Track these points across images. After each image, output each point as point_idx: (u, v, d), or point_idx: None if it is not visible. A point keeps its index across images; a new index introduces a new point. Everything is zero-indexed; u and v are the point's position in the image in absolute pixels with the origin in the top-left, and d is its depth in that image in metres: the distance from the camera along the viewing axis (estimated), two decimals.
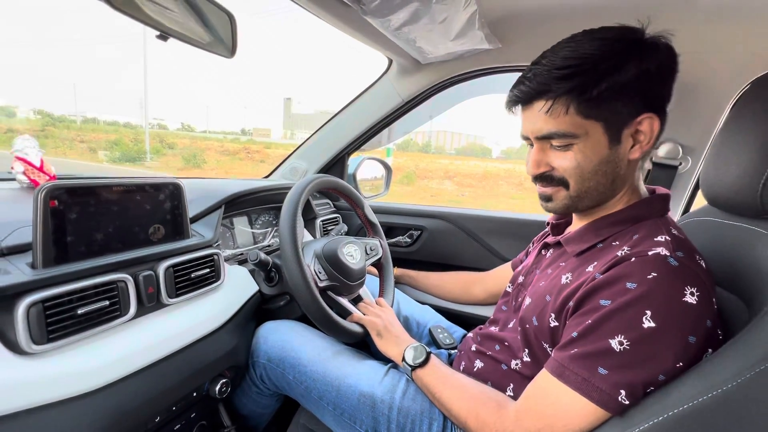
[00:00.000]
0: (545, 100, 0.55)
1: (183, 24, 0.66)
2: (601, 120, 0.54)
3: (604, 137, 0.55)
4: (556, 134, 0.56)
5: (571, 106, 0.54)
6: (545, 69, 0.55)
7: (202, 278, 0.72)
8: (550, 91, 0.54)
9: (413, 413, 0.66)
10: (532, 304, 0.63)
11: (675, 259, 0.48)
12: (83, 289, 0.54)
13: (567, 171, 0.58)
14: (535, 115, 0.57)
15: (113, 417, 0.54)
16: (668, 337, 0.45)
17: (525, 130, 0.61)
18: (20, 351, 0.48)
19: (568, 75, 0.53)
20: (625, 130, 0.55)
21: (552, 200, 0.62)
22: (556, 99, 0.54)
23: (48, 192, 0.52)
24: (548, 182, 0.61)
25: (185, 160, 18.11)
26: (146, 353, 0.60)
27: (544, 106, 0.55)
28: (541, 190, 0.63)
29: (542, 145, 0.59)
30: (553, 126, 0.56)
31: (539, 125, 0.57)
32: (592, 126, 0.54)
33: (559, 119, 0.55)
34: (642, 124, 0.55)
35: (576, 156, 0.56)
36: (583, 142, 0.55)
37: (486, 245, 1.28)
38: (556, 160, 0.58)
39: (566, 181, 0.59)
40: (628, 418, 0.45)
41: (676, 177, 0.99)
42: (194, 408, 0.73)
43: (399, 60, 1.11)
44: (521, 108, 0.60)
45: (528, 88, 0.57)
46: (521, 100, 0.59)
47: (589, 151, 0.56)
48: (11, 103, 67.01)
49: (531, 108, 0.58)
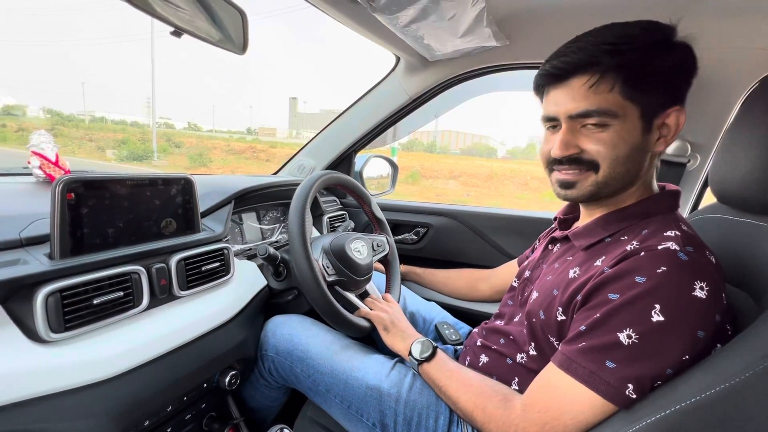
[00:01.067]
0: (590, 75, 0.53)
1: (194, 20, 0.67)
2: (639, 104, 0.53)
3: (639, 123, 0.54)
4: (597, 112, 0.53)
5: (616, 84, 0.52)
6: (592, 42, 0.53)
7: (212, 272, 0.73)
8: (598, 65, 0.52)
9: (420, 407, 0.66)
10: (539, 297, 0.63)
11: (685, 254, 0.48)
12: (99, 280, 0.55)
13: (600, 154, 0.55)
14: (575, 90, 0.55)
15: (127, 405, 0.56)
16: (677, 331, 0.45)
17: (555, 109, 0.58)
18: (39, 339, 0.50)
19: (621, 50, 0.52)
20: (656, 120, 0.55)
21: (574, 187, 0.59)
22: (604, 74, 0.52)
23: (65, 185, 0.53)
24: (576, 165, 0.58)
25: (191, 159, 18.25)
26: (159, 344, 0.61)
27: (589, 80, 0.53)
28: (562, 176, 0.60)
29: (573, 125, 0.57)
30: (594, 103, 0.53)
31: (577, 101, 0.54)
32: (630, 109, 0.53)
33: (603, 96, 0.53)
34: (670, 117, 0.55)
35: (612, 137, 0.54)
36: (620, 124, 0.54)
37: (492, 242, 1.28)
38: (588, 142, 0.56)
39: (597, 164, 0.56)
40: (634, 411, 0.45)
41: (685, 174, 0.98)
42: (204, 399, 0.75)
43: (407, 57, 1.11)
44: (551, 86, 0.58)
45: (572, 60, 0.54)
46: (560, 72, 0.56)
47: (625, 135, 0.54)
48: (22, 103, 67.96)
49: (568, 84, 0.56)
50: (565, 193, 0.61)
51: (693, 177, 0.99)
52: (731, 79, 0.88)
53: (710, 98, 0.92)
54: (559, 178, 0.61)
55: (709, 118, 0.93)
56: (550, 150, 0.59)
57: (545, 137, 0.63)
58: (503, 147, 53.01)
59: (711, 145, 0.95)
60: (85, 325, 0.53)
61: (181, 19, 0.66)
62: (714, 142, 0.95)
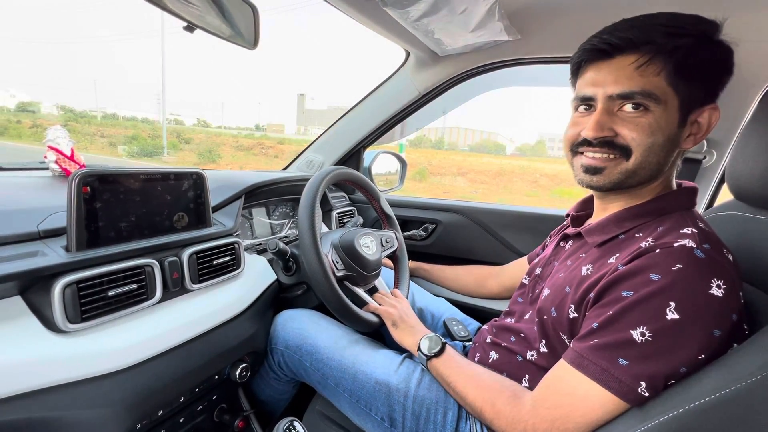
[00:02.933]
0: (640, 54, 0.51)
1: (207, 16, 0.68)
2: (680, 94, 0.52)
3: (677, 114, 0.53)
4: (641, 93, 0.51)
5: (665, 69, 0.51)
6: (646, 23, 0.51)
7: (223, 266, 0.74)
8: (653, 43, 0.50)
9: (428, 402, 0.67)
10: (550, 295, 0.63)
11: (702, 252, 0.47)
12: (113, 272, 0.56)
13: (635, 140, 0.53)
14: (620, 68, 0.53)
15: (141, 395, 0.57)
16: (692, 329, 0.45)
17: (593, 89, 0.55)
18: (56, 329, 0.51)
19: (679, 33, 0.50)
20: (691, 115, 0.54)
21: (602, 173, 0.57)
22: (657, 54, 0.50)
23: (81, 178, 0.54)
24: (608, 149, 0.55)
25: (200, 155, 18.42)
26: (171, 335, 0.62)
27: (638, 60, 0.51)
28: (589, 160, 0.58)
29: (610, 106, 0.54)
30: (639, 84, 0.51)
31: (621, 81, 0.52)
32: (672, 97, 0.52)
33: (649, 78, 0.51)
34: (704, 114, 0.54)
35: (651, 124, 0.52)
36: (661, 111, 0.52)
37: (501, 239, 1.27)
38: (624, 127, 0.53)
39: (630, 150, 0.54)
40: (647, 409, 0.45)
41: (700, 171, 0.96)
42: (216, 391, 0.76)
43: (416, 52, 1.11)
44: (593, 63, 0.56)
45: (625, 35, 0.52)
46: (609, 48, 0.53)
47: (663, 123, 0.52)
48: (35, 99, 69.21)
49: (613, 62, 0.53)
50: (590, 179, 0.59)
51: (709, 174, 0.97)
52: (750, 75, 0.86)
53: (727, 93, 0.89)
54: (585, 162, 0.58)
55: (727, 114, 0.91)
56: (579, 132, 0.57)
57: (573, 120, 0.60)
58: (512, 144, 52.52)
59: (728, 142, 0.93)
60: (100, 316, 0.55)
61: (192, 15, 0.66)
62: (731, 139, 0.92)
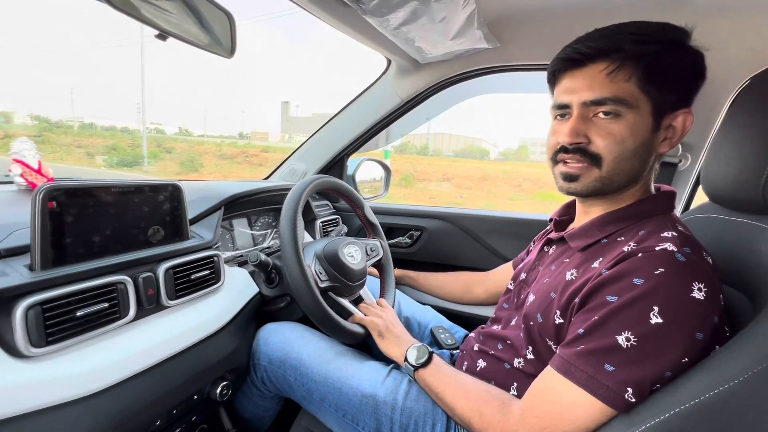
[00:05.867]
0: (610, 62, 0.53)
1: (182, 24, 0.66)
2: (653, 99, 0.53)
3: (650, 119, 0.54)
4: (612, 99, 0.53)
5: (635, 75, 0.52)
6: (615, 32, 0.53)
7: (202, 280, 0.71)
8: (621, 51, 0.52)
9: (416, 414, 0.65)
10: (536, 300, 0.63)
11: (682, 255, 0.48)
12: (82, 291, 0.53)
13: (606, 147, 0.55)
14: (592, 76, 0.54)
15: (113, 420, 0.54)
16: (675, 332, 0.45)
17: (567, 98, 0.57)
18: (18, 354, 0.48)
19: (646, 40, 0.52)
20: (665, 120, 0.55)
21: (578, 180, 0.58)
22: (625, 61, 0.52)
23: (46, 193, 0.51)
24: (581, 156, 0.57)
25: (182, 164, 18.09)
26: (146, 355, 0.59)
27: (608, 67, 0.53)
28: (565, 168, 0.59)
29: (585, 113, 0.56)
30: (610, 90, 0.53)
31: (593, 88, 0.54)
32: (644, 102, 0.53)
33: (619, 84, 0.53)
34: (677, 119, 0.55)
35: (622, 130, 0.53)
36: (633, 116, 0.53)
37: (486, 245, 1.28)
38: (598, 133, 0.55)
39: (600, 158, 0.55)
40: (634, 415, 0.45)
41: (676, 174, 0.99)
42: (195, 411, 0.72)
43: (398, 60, 1.11)
44: (567, 72, 0.57)
45: (595, 45, 0.54)
46: (580, 57, 0.55)
47: (636, 128, 0.54)
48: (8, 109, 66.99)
49: (585, 70, 0.55)
50: (568, 186, 0.60)
51: (684, 177, 1.00)
52: (721, 79, 0.89)
53: (699, 98, 0.92)
54: (563, 170, 0.60)
55: (700, 118, 0.94)
56: (557, 140, 0.59)
57: (552, 128, 0.62)
58: (496, 149, 53.36)
59: (702, 145, 0.96)
60: (67, 339, 0.51)
61: (168, 23, 0.64)
62: (704, 142, 0.95)
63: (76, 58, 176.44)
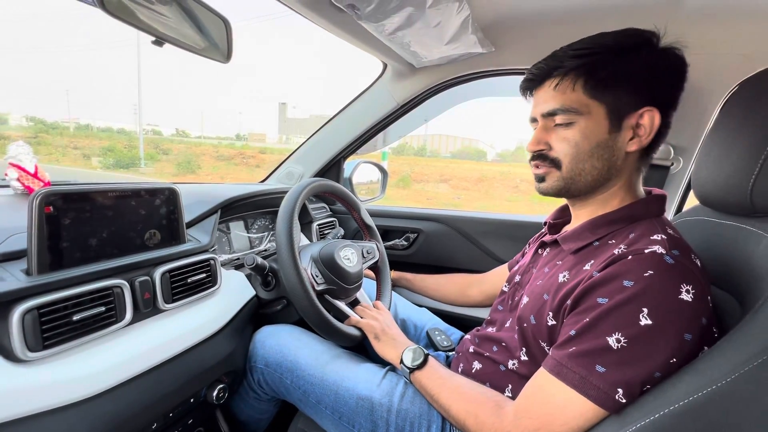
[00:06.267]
0: (555, 77, 0.59)
1: (178, 29, 0.67)
2: (604, 103, 0.57)
3: (605, 121, 0.58)
4: (560, 109, 0.59)
5: (578, 83, 0.57)
6: (563, 50, 0.60)
7: (198, 283, 0.72)
8: (562, 67, 0.58)
9: (412, 416, 0.66)
10: (529, 302, 0.64)
11: (671, 257, 0.49)
12: (79, 296, 0.53)
13: (563, 151, 0.60)
14: (545, 92, 0.61)
15: (110, 424, 0.54)
16: (664, 334, 0.46)
17: (534, 111, 0.64)
18: (15, 358, 0.48)
19: (583, 54, 0.57)
20: (627, 120, 0.57)
21: (545, 180, 0.64)
22: (566, 74, 0.58)
23: (43, 198, 0.52)
24: (541, 161, 0.63)
25: (179, 166, 18.01)
26: (143, 359, 0.59)
27: (554, 81, 0.60)
28: (534, 170, 0.66)
29: (546, 123, 0.62)
30: (558, 101, 0.59)
31: (547, 101, 0.60)
32: (596, 107, 0.57)
33: (566, 95, 0.58)
34: (643, 117, 0.57)
35: (575, 135, 0.59)
36: (585, 121, 0.58)
37: (482, 247, 1.29)
38: (556, 140, 0.61)
39: (559, 161, 0.61)
40: (624, 415, 0.45)
41: (669, 177, 1.00)
42: (191, 414, 0.73)
43: (394, 64, 1.12)
44: (533, 91, 0.64)
45: (543, 65, 0.61)
46: (536, 78, 0.62)
47: (588, 132, 0.58)
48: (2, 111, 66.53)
49: (542, 87, 0.62)
50: (538, 186, 0.66)
51: (676, 180, 1.01)
52: (711, 84, 0.90)
53: (691, 102, 0.94)
54: (534, 172, 0.66)
55: (691, 121, 0.95)
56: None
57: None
58: (493, 150, 53.50)
59: (693, 149, 0.97)
60: (64, 343, 0.52)
61: (164, 28, 0.65)
62: (696, 146, 0.96)
63: (71, 59, 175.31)
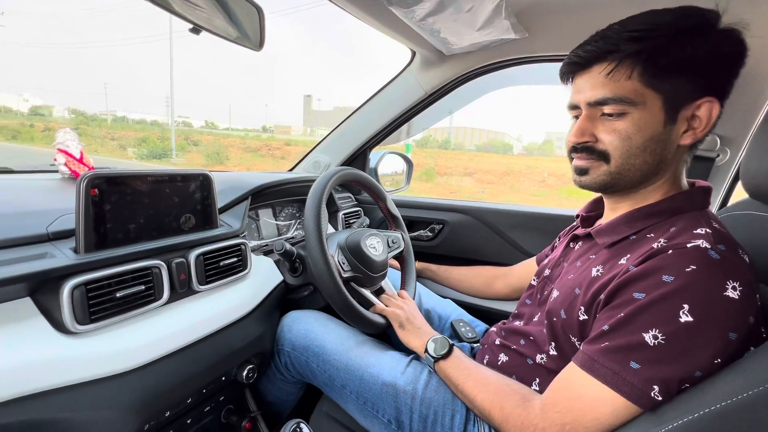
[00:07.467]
0: (608, 62, 0.53)
1: (213, 18, 0.68)
2: (662, 93, 0.52)
3: (660, 113, 0.53)
4: (613, 99, 0.53)
5: (635, 71, 0.52)
6: (616, 31, 0.54)
7: (230, 267, 0.74)
8: (617, 51, 0.52)
9: (436, 404, 0.66)
10: (560, 296, 0.62)
11: (716, 252, 0.46)
12: (121, 274, 0.56)
13: (612, 144, 0.55)
14: (594, 78, 0.55)
15: (149, 396, 0.57)
16: (707, 332, 0.43)
17: (576, 98, 0.58)
18: (65, 330, 0.51)
19: (641, 37, 0.51)
20: (683, 111, 0.53)
21: (588, 173, 0.59)
22: (622, 60, 0.52)
23: (89, 181, 0.54)
24: (587, 154, 0.58)
25: (208, 156, 18.57)
26: (179, 337, 0.62)
27: (607, 67, 0.53)
28: (577, 162, 0.61)
29: (592, 112, 0.57)
30: (611, 90, 0.53)
31: (596, 89, 0.55)
32: (651, 97, 0.52)
33: (620, 83, 0.53)
34: (700, 109, 0.53)
35: (628, 128, 0.54)
36: (639, 113, 0.53)
37: (509, 240, 1.26)
38: (604, 131, 0.56)
39: (607, 155, 0.56)
40: (660, 413, 0.44)
41: (713, 169, 0.94)
42: (223, 392, 0.76)
43: (422, 52, 1.10)
44: (575, 74, 0.59)
45: (593, 48, 0.55)
46: (582, 61, 0.56)
47: (642, 124, 0.53)
48: (48, 103, 70.61)
49: (589, 72, 0.56)
50: (579, 180, 0.61)
51: (722, 172, 0.95)
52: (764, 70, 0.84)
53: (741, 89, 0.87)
54: (575, 164, 0.62)
55: (741, 110, 0.89)
56: (568, 139, 0.60)
57: (570, 126, 0.62)
58: (519, 143, 52.13)
59: (742, 139, 0.91)
60: (109, 318, 0.55)
61: (199, 17, 0.66)
62: (745, 136, 0.90)
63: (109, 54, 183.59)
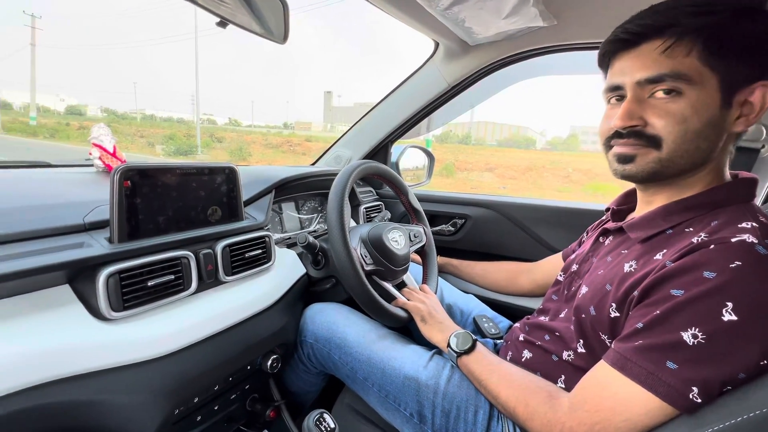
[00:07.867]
0: (664, 38, 0.49)
1: (239, 12, 0.69)
2: (719, 72, 0.48)
3: (717, 94, 0.49)
4: (671, 75, 0.49)
5: (694, 48, 0.48)
6: (670, 6, 0.50)
7: (255, 258, 0.76)
8: (677, 26, 0.48)
9: (458, 400, 0.65)
10: (589, 293, 0.60)
11: (764, 248, 0.43)
12: (153, 263, 0.58)
13: (666, 128, 0.50)
14: (645, 55, 0.51)
15: (178, 382, 0.59)
16: (753, 332, 0.41)
17: (619, 79, 0.54)
18: (101, 316, 0.54)
19: (704, 11, 0.48)
20: (737, 95, 0.50)
21: (634, 161, 0.54)
22: (681, 36, 0.48)
23: (122, 173, 0.56)
24: (636, 139, 0.53)
25: (232, 153, 19.02)
26: (206, 326, 0.64)
27: (663, 44, 0.49)
28: (620, 149, 0.56)
29: (640, 93, 0.52)
30: (668, 66, 0.49)
31: (648, 67, 0.50)
32: (709, 77, 0.49)
33: (677, 60, 0.49)
34: (754, 94, 0.49)
35: (684, 109, 0.49)
36: (696, 92, 0.49)
37: (533, 235, 1.23)
38: (654, 115, 0.51)
39: (660, 140, 0.52)
40: (699, 416, 0.41)
41: (758, 161, 0.88)
42: (248, 380, 0.78)
43: (446, 42, 1.08)
44: (619, 54, 0.54)
45: (648, 23, 0.50)
46: (631, 37, 0.52)
47: (700, 106, 0.49)
48: (82, 103, 74.13)
49: (637, 50, 0.52)
50: (623, 168, 0.56)
51: (767, 164, 0.89)
52: None
53: None
54: (617, 151, 0.56)
55: None
56: (610, 125, 0.55)
57: (606, 113, 0.58)
58: (543, 138, 50.80)
59: None
60: (141, 305, 0.57)
61: (224, 11, 0.67)
62: None
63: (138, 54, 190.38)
